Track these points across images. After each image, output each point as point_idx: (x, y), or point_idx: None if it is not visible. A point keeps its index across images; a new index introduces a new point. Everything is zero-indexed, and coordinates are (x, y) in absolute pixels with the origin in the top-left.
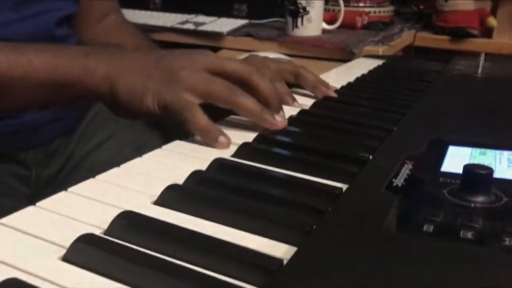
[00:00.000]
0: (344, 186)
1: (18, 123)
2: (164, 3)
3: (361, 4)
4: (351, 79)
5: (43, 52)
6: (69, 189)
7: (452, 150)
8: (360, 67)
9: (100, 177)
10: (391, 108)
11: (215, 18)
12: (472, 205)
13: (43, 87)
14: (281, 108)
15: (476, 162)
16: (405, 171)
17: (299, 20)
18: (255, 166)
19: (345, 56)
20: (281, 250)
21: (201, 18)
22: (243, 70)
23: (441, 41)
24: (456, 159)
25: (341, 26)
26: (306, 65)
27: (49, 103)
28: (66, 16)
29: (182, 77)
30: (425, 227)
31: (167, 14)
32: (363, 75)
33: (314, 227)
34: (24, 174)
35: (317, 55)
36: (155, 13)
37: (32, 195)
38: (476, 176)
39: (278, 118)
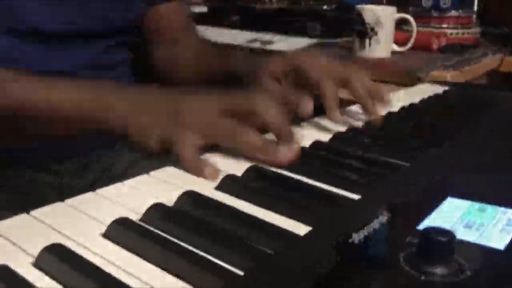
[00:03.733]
0: (306, 231)
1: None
2: (241, 21)
3: (443, 25)
4: (397, 108)
5: (71, 89)
6: (32, 212)
7: (448, 203)
8: (418, 93)
9: (69, 201)
10: (415, 144)
11: (284, 36)
12: (422, 278)
13: (64, 121)
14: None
15: (468, 219)
16: (375, 224)
17: (367, 41)
18: (221, 203)
19: (409, 81)
20: None
21: (269, 37)
22: (253, 108)
23: None
24: (446, 214)
25: (416, 47)
26: None
27: (68, 134)
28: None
29: (187, 121)
30: None
31: (239, 32)
32: (411, 104)
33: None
34: (55, 183)
35: (381, 78)
36: (225, 31)
37: None
38: (432, 243)
39: (281, 154)
